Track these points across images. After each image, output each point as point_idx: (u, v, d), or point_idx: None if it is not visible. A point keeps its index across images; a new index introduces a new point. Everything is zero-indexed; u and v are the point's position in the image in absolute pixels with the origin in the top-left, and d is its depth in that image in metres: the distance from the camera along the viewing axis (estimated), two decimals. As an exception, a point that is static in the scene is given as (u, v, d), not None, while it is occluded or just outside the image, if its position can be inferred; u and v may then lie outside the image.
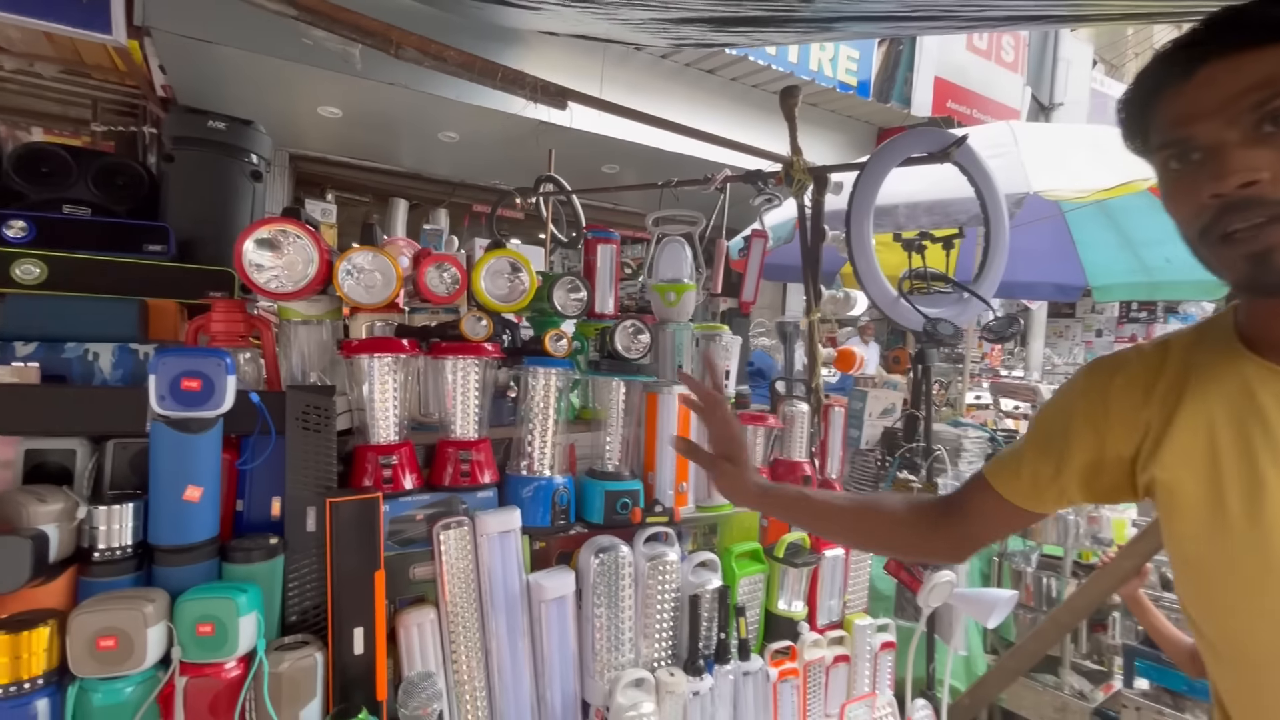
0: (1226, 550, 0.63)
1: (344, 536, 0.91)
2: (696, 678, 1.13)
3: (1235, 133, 0.57)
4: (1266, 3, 0.58)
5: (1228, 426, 0.64)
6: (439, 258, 1.14)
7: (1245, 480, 0.62)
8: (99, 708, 0.74)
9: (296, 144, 4.20)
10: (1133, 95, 0.65)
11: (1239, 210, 0.57)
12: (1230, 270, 0.60)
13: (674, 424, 1.28)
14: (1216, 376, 0.67)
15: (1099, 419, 0.72)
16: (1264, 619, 0.59)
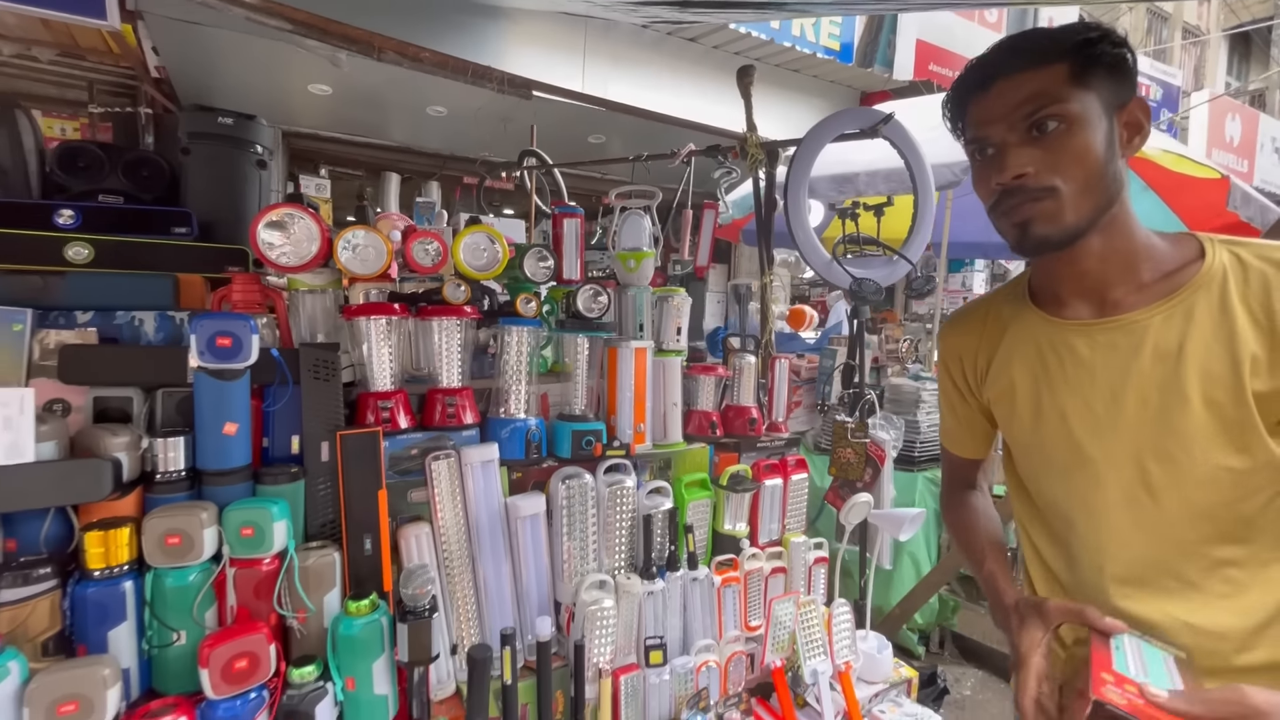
0: (1027, 445, 0.89)
1: (352, 463, 1.13)
2: (650, 581, 1.36)
3: (1014, 136, 0.78)
4: (1040, 35, 0.77)
5: (1021, 364, 0.88)
6: (423, 234, 1.33)
7: (1030, 402, 0.87)
8: (170, 588, 0.97)
9: (289, 121, 4.31)
10: (951, 98, 0.85)
11: (1012, 195, 0.78)
12: (1006, 236, 0.82)
13: (631, 374, 1.49)
14: (1014, 325, 0.91)
15: (956, 375, 0.99)
16: (1059, 482, 0.85)
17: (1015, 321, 0.90)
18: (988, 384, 0.93)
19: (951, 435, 1.06)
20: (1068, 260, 0.81)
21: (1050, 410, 0.84)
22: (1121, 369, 0.78)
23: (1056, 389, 0.84)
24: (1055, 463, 0.85)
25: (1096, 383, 0.80)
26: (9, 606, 0.88)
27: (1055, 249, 0.79)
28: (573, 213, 1.56)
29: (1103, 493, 0.81)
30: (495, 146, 4.79)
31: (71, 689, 0.84)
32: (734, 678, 1.43)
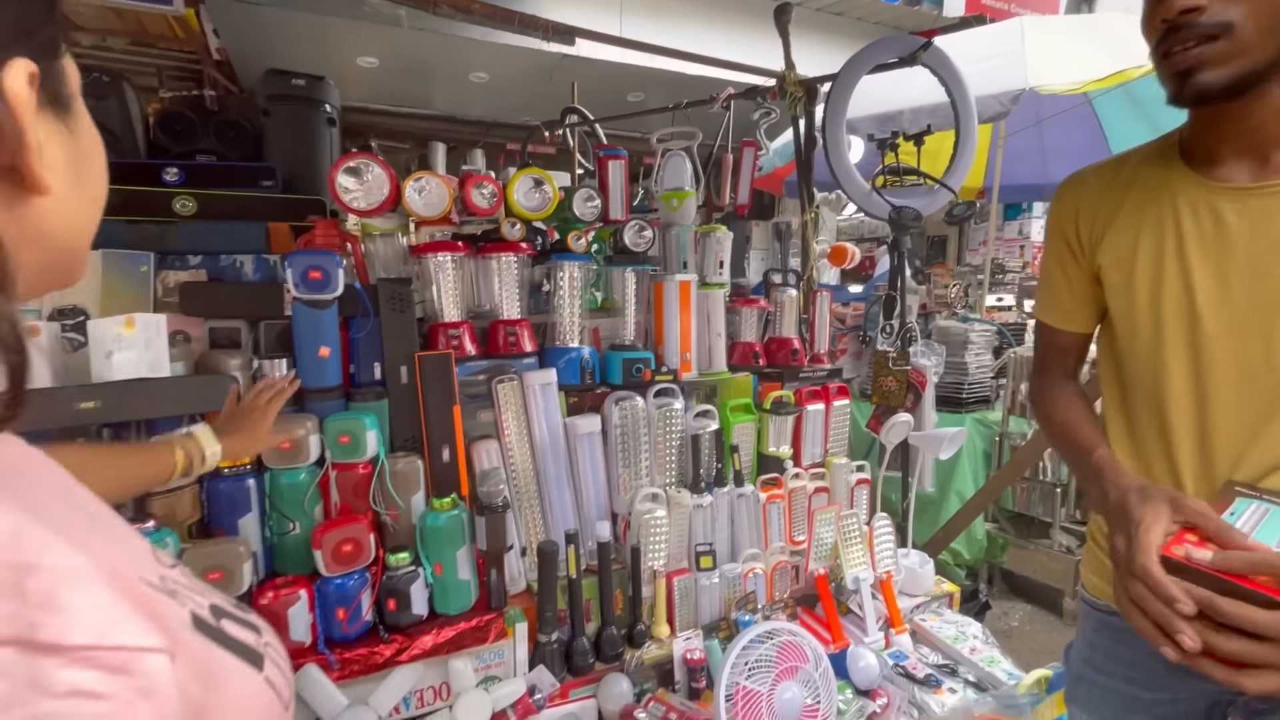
0: (1135, 317, 0.83)
1: (429, 382, 1.26)
2: (698, 495, 1.47)
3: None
4: None
5: (1150, 226, 0.80)
6: (480, 178, 1.43)
7: (1150, 268, 0.80)
8: (285, 485, 1.13)
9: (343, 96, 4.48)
10: None
11: (1177, 33, 0.69)
12: (1165, 83, 0.74)
13: (677, 306, 1.57)
14: (1150, 183, 0.81)
15: (1070, 233, 0.89)
16: (1170, 358, 0.79)
17: (1153, 180, 0.81)
18: (1105, 245, 0.84)
19: (1055, 306, 0.93)
20: (1236, 113, 0.72)
21: (1173, 278, 0.77)
22: (1273, 241, 0.71)
23: (1187, 255, 0.76)
24: (1165, 337, 0.78)
25: (1236, 253, 0.73)
26: (160, 496, 1.05)
27: (1220, 99, 0.70)
28: (616, 154, 1.63)
29: (1216, 370, 0.75)
30: (535, 110, 4.85)
31: (216, 560, 1.01)
32: (780, 586, 1.53)
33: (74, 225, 0.41)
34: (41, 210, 0.38)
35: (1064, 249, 0.91)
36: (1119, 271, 0.83)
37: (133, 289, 1.20)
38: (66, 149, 0.39)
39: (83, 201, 0.42)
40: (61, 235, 0.40)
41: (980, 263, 5.01)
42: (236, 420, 1.01)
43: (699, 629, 1.41)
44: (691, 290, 1.59)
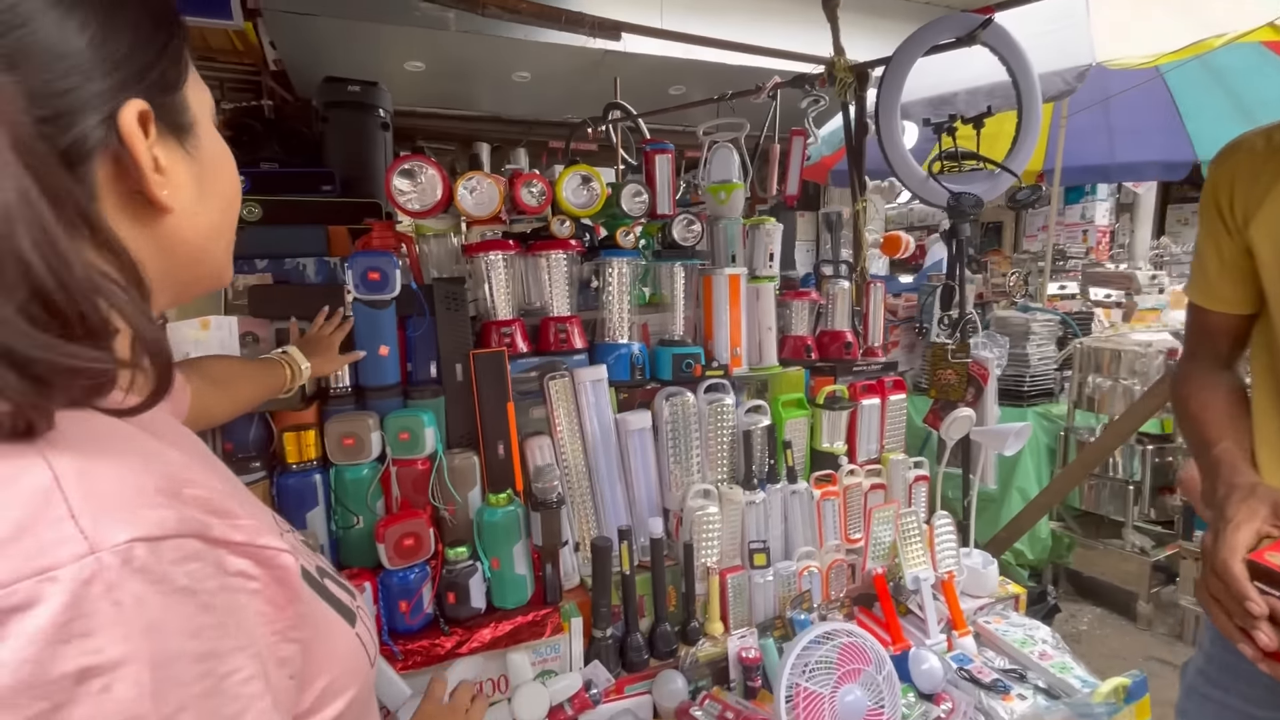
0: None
1: (483, 379, 1.28)
2: (751, 491, 1.45)
3: None
4: None
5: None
6: (529, 176, 1.44)
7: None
8: (348, 480, 1.16)
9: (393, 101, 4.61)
10: None
11: None
12: None
13: (726, 300, 1.55)
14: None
15: (1224, 204, 0.83)
16: None
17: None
18: (1259, 219, 0.78)
19: (1204, 284, 0.87)
20: None
21: None
22: None
23: None
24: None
25: None
26: (234, 491, 1.09)
27: None
28: (663, 148, 1.62)
29: None
30: (577, 108, 4.88)
31: (287, 552, 1.05)
32: (835, 584, 1.50)
33: (203, 232, 0.46)
34: (172, 225, 0.44)
35: (1216, 222, 0.84)
36: (1272, 247, 0.76)
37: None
38: (189, 169, 0.44)
39: (210, 211, 0.46)
40: (194, 242, 0.45)
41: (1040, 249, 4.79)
42: (309, 347, 1.10)
43: (753, 627, 1.40)
44: (741, 284, 1.57)
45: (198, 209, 0.45)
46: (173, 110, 0.42)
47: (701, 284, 1.59)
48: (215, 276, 0.50)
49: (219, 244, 0.49)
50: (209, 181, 0.46)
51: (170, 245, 0.44)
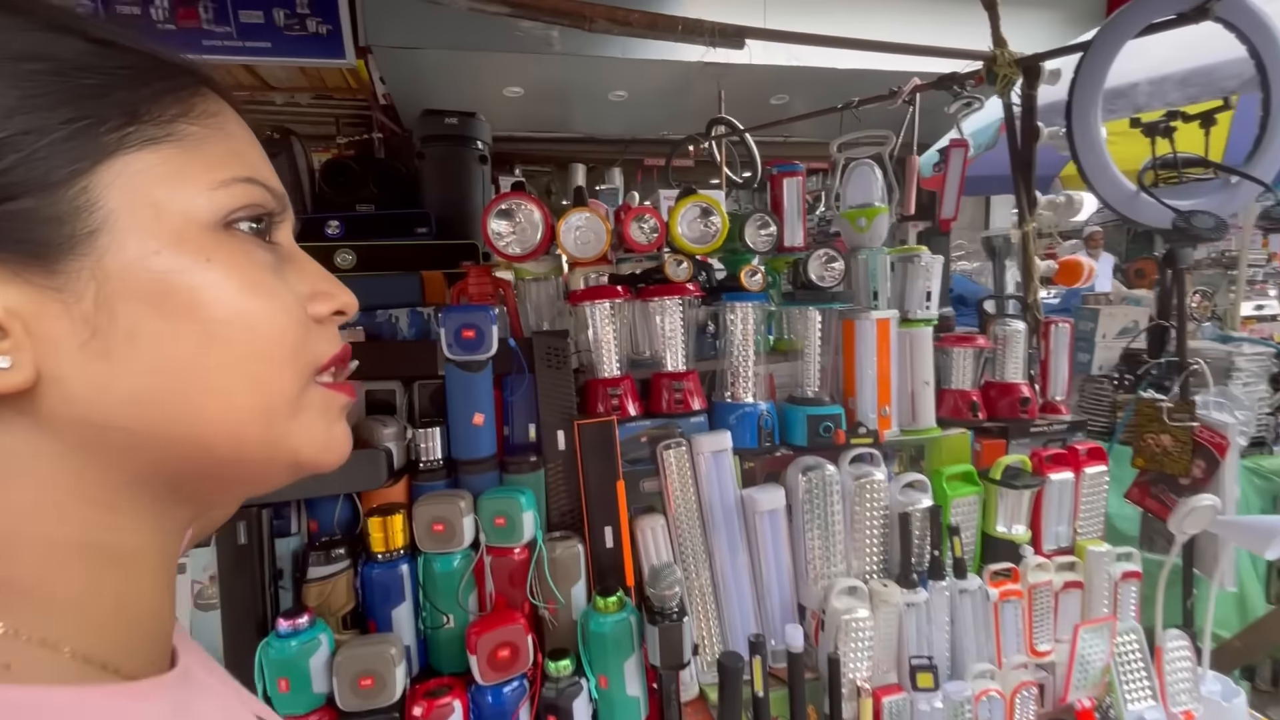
0: None
1: (590, 453, 1.10)
2: (910, 590, 1.17)
3: None
4: None
5: None
6: (640, 210, 1.26)
7: None
8: (439, 573, 1.01)
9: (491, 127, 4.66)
10: None
11: None
12: None
13: (873, 350, 1.29)
14: None
15: None
16: None
17: None
18: None
19: None
20: None
21: None
22: None
23: None
24: None
25: None
26: (317, 582, 0.96)
27: None
28: (792, 170, 1.39)
29: None
30: (674, 124, 4.72)
31: (367, 665, 0.90)
32: (1021, 713, 1.18)
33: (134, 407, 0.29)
34: (62, 404, 0.28)
35: None
36: None
37: (295, 351, 1.16)
38: (63, 313, 0.27)
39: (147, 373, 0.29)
40: (119, 422, 0.29)
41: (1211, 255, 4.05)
42: None
43: (917, 765, 1.11)
44: (892, 329, 1.30)
45: (105, 373, 0.28)
46: (35, 221, 0.27)
47: (841, 330, 1.33)
48: (252, 463, 0.33)
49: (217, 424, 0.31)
50: (146, 324, 0.29)
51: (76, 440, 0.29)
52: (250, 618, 0.94)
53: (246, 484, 0.35)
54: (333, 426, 0.36)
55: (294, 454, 0.34)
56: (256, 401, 0.32)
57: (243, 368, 0.31)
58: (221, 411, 0.31)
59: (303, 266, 0.37)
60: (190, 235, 0.30)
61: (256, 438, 0.32)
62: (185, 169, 0.30)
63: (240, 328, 0.31)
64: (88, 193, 0.27)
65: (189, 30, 2.93)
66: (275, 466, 0.34)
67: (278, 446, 0.33)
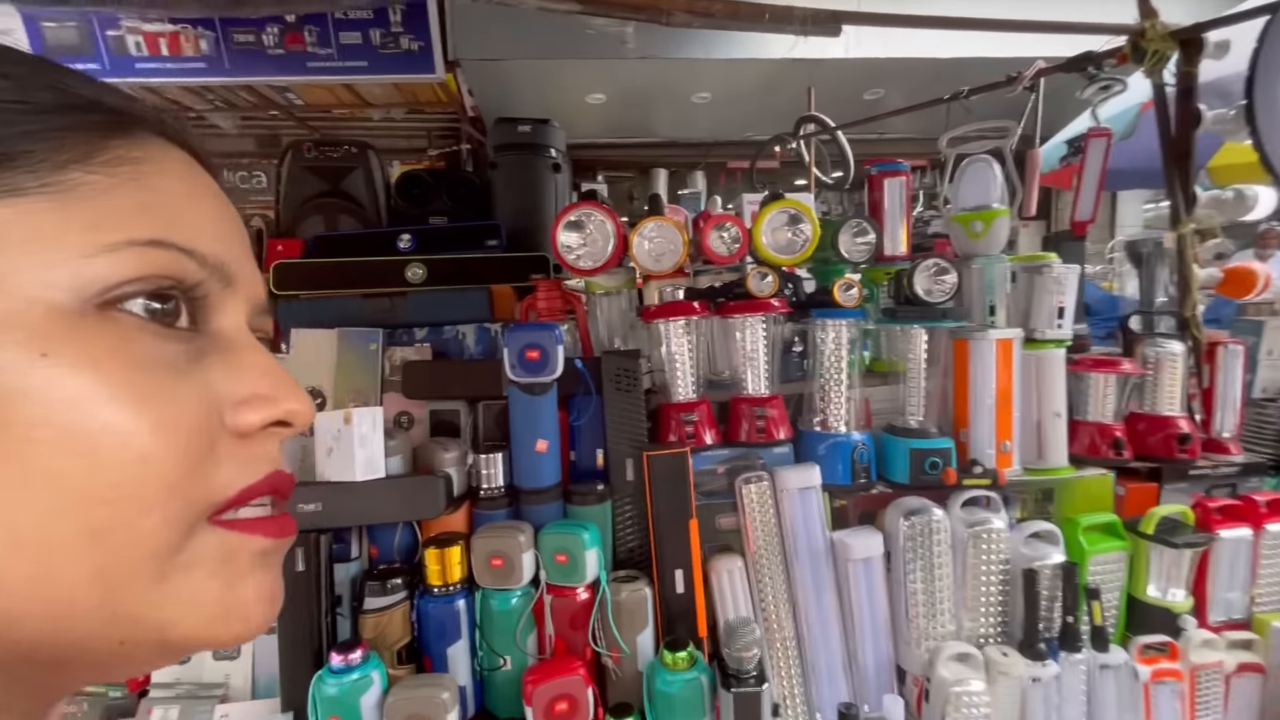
0: None
1: (660, 486, 1.00)
2: (1036, 662, 0.99)
3: None
4: None
5: None
6: (720, 218, 1.15)
7: None
8: (496, 611, 0.94)
9: (571, 134, 4.67)
10: None
11: None
12: None
13: (992, 375, 1.11)
14: None
15: None
16: None
17: None
18: None
19: None
20: None
21: None
22: None
23: None
24: None
25: None
26: (374, 614, 0.92)
27: None
28: (895, 169, 1.23)
29: None
30: (759, 125, 4.55)
31: (419, 710, 0.85)
32: (1181, 822, 0.97)
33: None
34: None
35: None
36: None
37: (364, 369, 1.14)
38: None
39: None
40: None
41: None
42: None
43: None
44: (1014, 351, 1.12)
45: None
46: None
47: (952, 351, 1.16)
48: (140, 644, 0.25)
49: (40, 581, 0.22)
50: None
51: None
52: (306, 646, 0.91)
53: (97, 671, 0.25)
54: (237, 586, 0.26)
55: (160, 631, 0.25)
56: (92, 561, 0.23)
57: (75, 512, 0.22)
58: (36, 577, 0.22)
59: (242, 360, 0.28)
60: (28, 321, 0.22)
61: (92, 612, 0.23)
62: (50, 230, 0.23)
63: (75, 453, 0.22)
64: None
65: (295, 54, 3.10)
66: (135, 648, 0.25)
67: (135, 623, 0.24)
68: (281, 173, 1.34)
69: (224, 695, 0.96)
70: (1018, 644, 1.02)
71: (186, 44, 2.98)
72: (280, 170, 1.34)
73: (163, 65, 2.99)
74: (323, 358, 1.13)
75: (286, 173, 1.34)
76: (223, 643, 0.26)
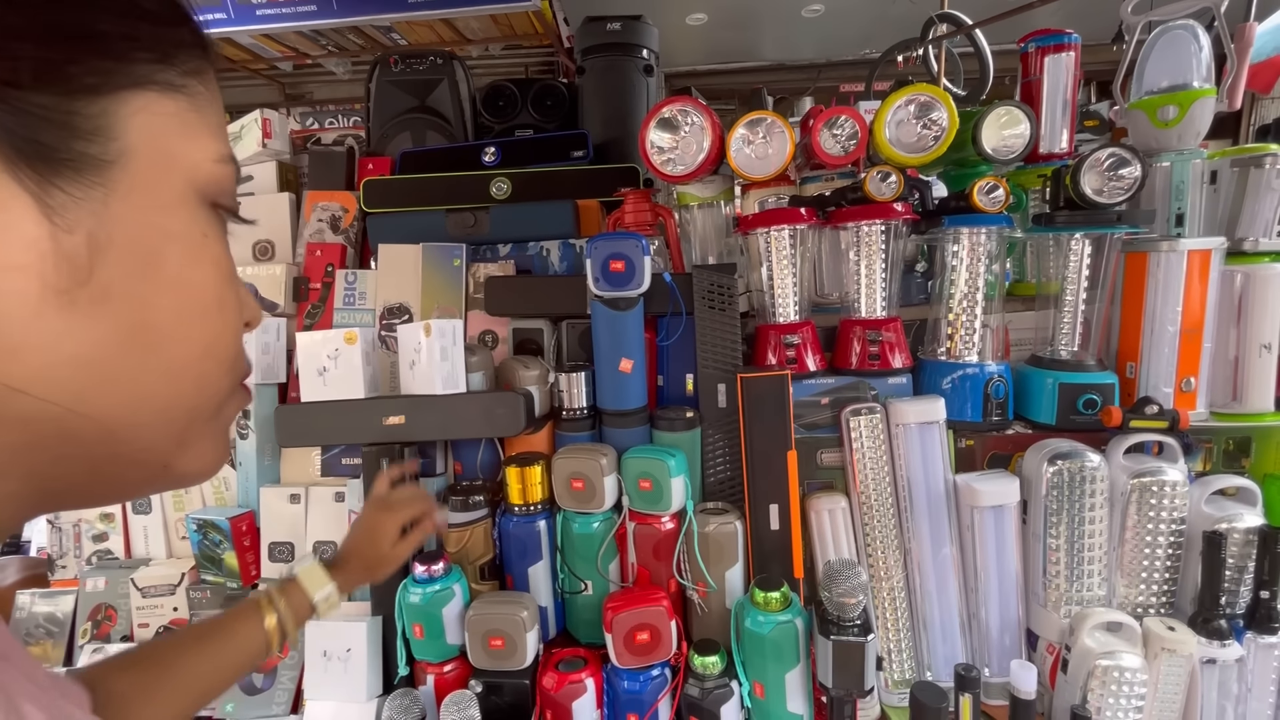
0: None
1: (755, 414, 0.90)
2: (1214, 641, 0.81)
3: None
4: None
5: None
6: (834, 111, 0.99)
7: None
8: (577, 534, 0.90)
9: (669, 61, 4.43)
10: None
11: None
12: None
13: (1178, 296, 0.89)
14: None
15: None
16: None
17: None
18: None
19: None
20: None
21: None
22: None
23: None
24: None
25: None
26: (456, 529, 0.91)
27: None
28: (1061, 43, 1.00)
29: None
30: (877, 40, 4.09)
31: (498, 626, 0.83)
32: None
33: (76, 378, 0.24)
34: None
35: None
36: None
37: (448, 285, 1.11)
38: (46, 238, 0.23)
39: (106, 340, 0.25)
40: (47, 392, 0.24)
41: None
42: (357, 536, 0.74)
43: None
44: (1213, 267, 0.89)
45: (57, 327, 0.23)
46: (42, 120, 0.23)
47: (1123, 267, 0.95)
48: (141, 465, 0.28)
49: (143, 415, 0.27)
50: (126, 285, 0.25)
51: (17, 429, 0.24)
52: (394, 556, 0.92)
53: (108, 490, 0.29)
54: (224, 440, 0.32)
55: (179, 464, 0.29)
56: (193, 401, 0.29)
57: (198, 360, 0.28)
58: (158, 400, 0.27)
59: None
60: (192, 202, 0.28)
61: (167, 438, 0.28)
62: (195, 130, 0.28)
63: (213, 316, 0.29)
64: (107, 116, 0.24)
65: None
66: (151, 471, 0.29)
67: (175, 452, 0.29)
68: (370, 89, 1.31)
69: (323, 595, 0.99)
70: (1189, 618, 0.84)
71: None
72: (369, 87, 1.32)
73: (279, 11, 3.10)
74: (408, 273, 1.11)
75: (375, 89, 1.31)
76: (195, 483, 0.31)
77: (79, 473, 0.26)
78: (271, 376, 1.06)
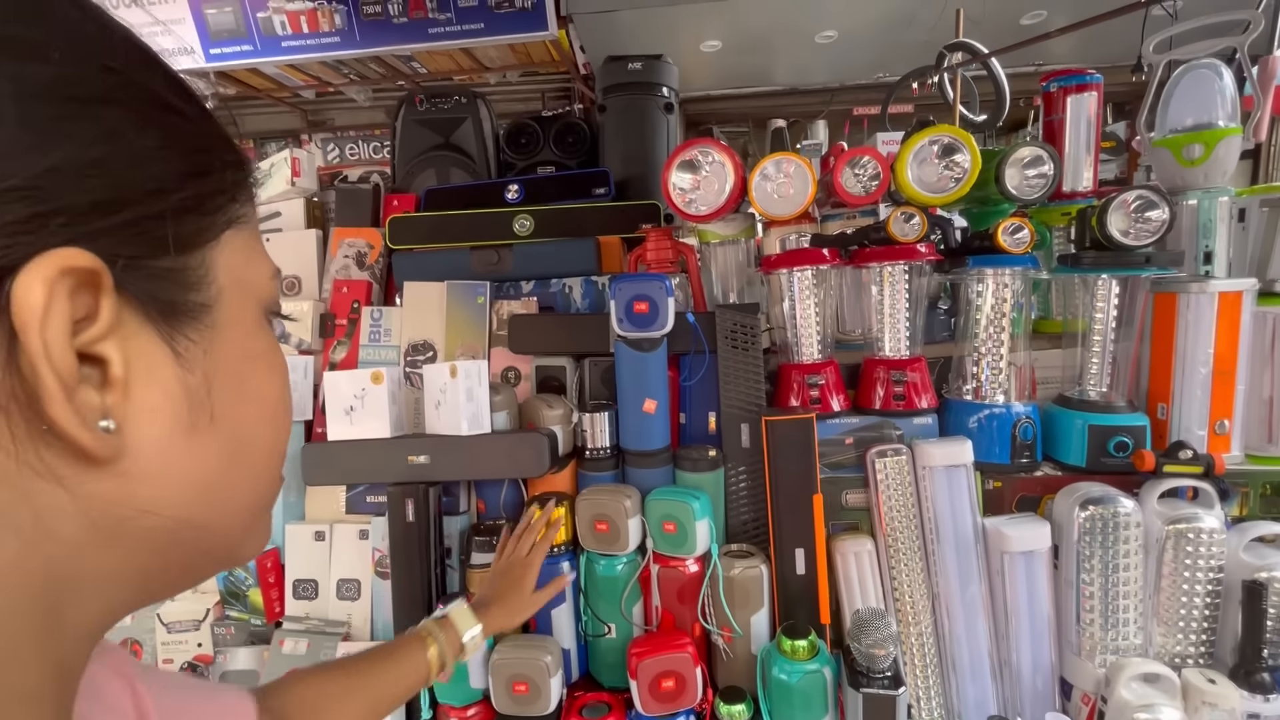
0: None
1: (780, 457, 0.89)
2: (1257, 695, 0.79)
3: None
4: None
5: None
6: (856, 151, 0.99)
7: None
8: (601, 576, 0.90)
9: (684, 87, 4.48)
10: None
11: None
12: None
13: (1209, 336, 0.88)
14: None
15: None
16: None
17: None
18: None
19: None
20: None
21: None
22: None
23: None
24: None
25: None
26: (479, 569, 0.91)
27: None
28: (1084, 82, 1.01)
29: None
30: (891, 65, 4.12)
31: (521, 671, 0.82)
32: None
33: (190, 496, 0.26)
34: (123, 480, 0.24)
35: None
36: None
37: (472, 322, 1.12)
38: (177, 382, 0.25)
39: (214, 458, 0.27)
40: (171, 511, 0.26)
41: None
42: (498, 584, 0.80)
43: None
44: (1244, 307, 0.88)
45: (184, 452, 0.26)
46: (168, 280, 0.25)
47: (1152, 307, 0.94)
48: (205, 563, 0.30)
49: (231, 516, 0.29)
50: (226, 407, 0.28)
51: (113, 521, 0.24)
52: (417, 595, 0.92)
53: (190, 578, 0.30)
54: (270, 519, 0.34)
55: (242, 550, 0.31)
56: (268, 499, 0.32)
57: (269, 458, 0.31)
58: (244, 501, 0.30)
59: None
60: (262, 320, 0.30)
61: (241, 530, 0.30)
62: (258, 252, 0.30)
63: (281, 418, 0.31)
64: (206, 264, 0.27)
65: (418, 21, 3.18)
66: (223, 560, 0.31)
67: (244, 541, 0.31)
68: (396, 127, 1.34)
69: (346, 634, 1.00)
70: (1230, 670, 0.82)
71: (323, 19, 3.15)
72: (395, 125, 1.35)
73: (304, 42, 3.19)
74: (433, 311, 1.12)
75: (400, 127, 1.34)
76: (243, 563, 0.35)
77: (176, 572, 0.29)
78: (298, 414, 1.08)
